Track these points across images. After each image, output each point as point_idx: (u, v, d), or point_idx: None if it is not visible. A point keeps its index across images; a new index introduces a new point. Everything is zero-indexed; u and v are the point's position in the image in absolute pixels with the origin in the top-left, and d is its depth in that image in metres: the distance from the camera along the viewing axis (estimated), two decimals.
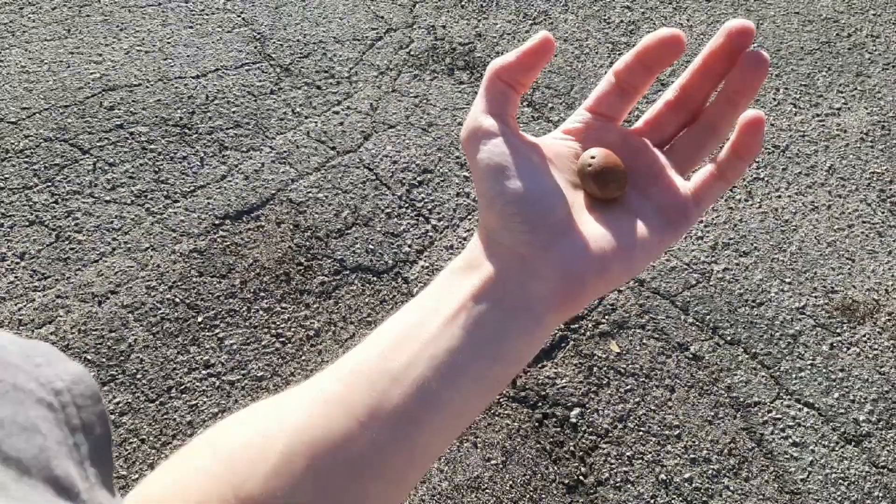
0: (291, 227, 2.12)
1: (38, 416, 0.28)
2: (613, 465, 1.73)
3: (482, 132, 0.37)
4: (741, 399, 1.86)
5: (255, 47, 2.65)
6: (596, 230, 0.36)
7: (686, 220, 0.39)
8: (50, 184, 2.17)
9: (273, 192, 2.20)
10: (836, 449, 1.80)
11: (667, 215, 0.38)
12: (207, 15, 2.76)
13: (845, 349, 1.98)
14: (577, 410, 1.81)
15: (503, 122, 0.37)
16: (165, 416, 1.74)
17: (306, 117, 2.43)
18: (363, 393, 0.34)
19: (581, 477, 1.71)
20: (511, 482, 1.69)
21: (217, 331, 1.89)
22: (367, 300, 1.98)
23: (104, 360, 1.81)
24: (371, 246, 2.10)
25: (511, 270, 0.35)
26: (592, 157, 0.38)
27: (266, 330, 1.90)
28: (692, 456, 1.76)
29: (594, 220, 0.37)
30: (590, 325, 1.97)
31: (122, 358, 1.82)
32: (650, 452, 1.76)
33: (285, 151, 2.32)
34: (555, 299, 0.35)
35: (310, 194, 2.21)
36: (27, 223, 2.07)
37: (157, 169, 2.23)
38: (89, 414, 0.31)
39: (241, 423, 0.37)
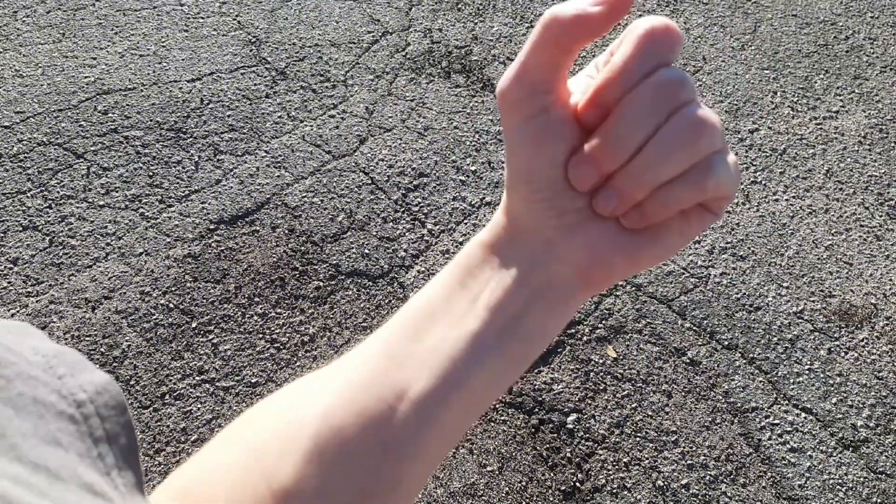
0: (286, 231, 2.11)
1: (59, 430, 0.28)
2: (610, 472, 1.72)
3: (519, 104, 0.32)
4: (739, 404, 1.85)
5: (251, 51, 2.64)
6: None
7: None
8: (44, 188, 2.16)
9: (268, 196, 2.19)
10: (834, 454, 1.79)
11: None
12: (202, 18, 2.75)
13: (843, 354, 1.97)
14: (573, 416, 1.80)
15: (543, 90, 0.32)
16: (159, 423, 1.73)
17: (302, 121, 2.42)
18: (391, 375, 0.34)
19: (578, 483, 1.70)
20: (507, 489, 1.68)
21: (211, 336, 1.88)
22: (362, 305, 1.97)
23: (97, 366, 1.80)
24: (366, 251, 2.09)
25: (536, 251, 0.34)
26: None
27: (261, 335, 1.89)
28: (689, 462, 1.75)
29: None
30: (587, 330, 1.96)
31: (115, 364, 1.81)
32: (647, 458, 1.75)
33: (280, 155, 2.30)
34: (580, 281, 0.34)
35: (305, 199, 2.19)
36: (20, 228, 2.06)
37: (151, 173, 2.22)
38: (113, 424, 0.31)
39: (269, 411, 0.37)
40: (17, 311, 1.88)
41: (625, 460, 1.74)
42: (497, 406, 1.81)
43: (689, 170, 0.30)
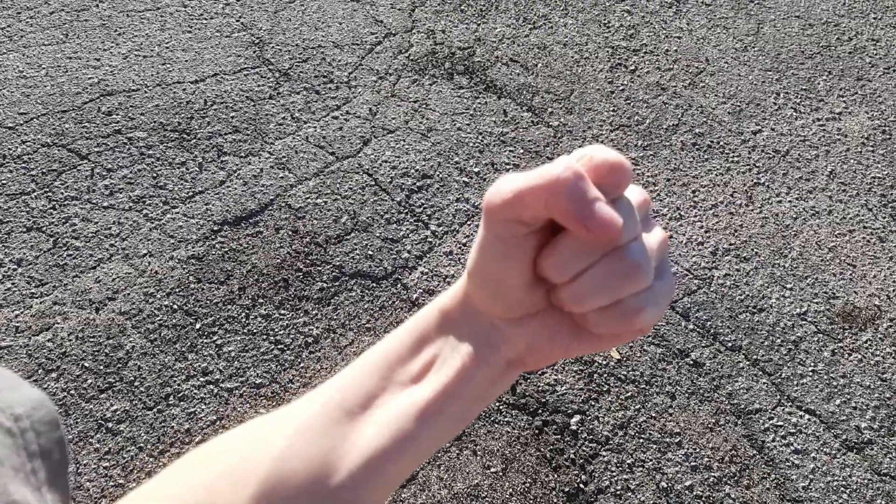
0: (290, 232, 2.11)
1: None
2: (614, 473, 1.72)
3: (501, 222, 0.33)
4: (742, 406, 1.85)
5: (254, 52, 2.64)
6: (565, 316, 0.37)
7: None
8: (47, 189, 2.16)
9: (272, 197, 2.19)
10: (838, 456, 1.79)
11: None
12: (206, 19, 2.75)
13: (847, 355, 1.97)
14: (577, 417, 1.80)
15: (527, 222, 0.33)
16: (163, 424, 1.73)
17: (305, 122, 2.42)
18: (344, 427, 0.37)
19: (581, 485, 1.70)
20: (511, 490, 1.68)
21: (215, 338, 1.88)
22: (366, 306, 1.97)
23: (101, 367, 1.80)
24: (370, 252, 2.09)
25: (485, 332, 0.38)
26: None
27: (264, 337, 1.89)
28: (693, 463, 1.75)
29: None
30: None
31: (119, 365, 1.81)
32: (651, 460, 1.75)
33: (284, 157, 2.31)
34: (518, 361, 0.38)
35: (309, 200, 2.20)
36: (25, 229, 2.06)
37: (155, 174, 2.23)
38: (48, 440, 0.32)
39: (223, 448, 0.39)
40: (22, 312, 1.88)
41: (628, 462, 1.74)
42: (501, 407, 1.81)
43: (619, 303, 0.33)
